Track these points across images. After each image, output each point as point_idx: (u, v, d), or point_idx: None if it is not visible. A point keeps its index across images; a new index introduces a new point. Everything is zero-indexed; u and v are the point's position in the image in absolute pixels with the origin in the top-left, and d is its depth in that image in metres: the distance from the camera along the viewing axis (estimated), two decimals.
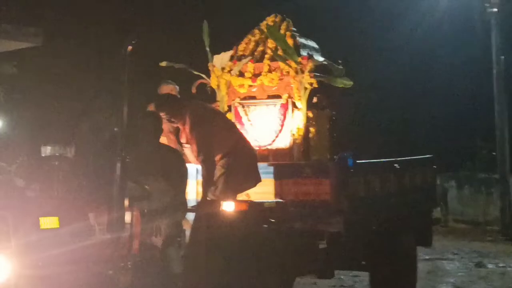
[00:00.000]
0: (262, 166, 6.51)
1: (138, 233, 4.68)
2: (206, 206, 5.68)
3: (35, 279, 3.90)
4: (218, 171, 6.16)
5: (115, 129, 4.24)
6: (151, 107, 6.16)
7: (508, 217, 15.18)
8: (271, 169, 6.63)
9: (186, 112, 6.09)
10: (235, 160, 6.22)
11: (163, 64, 7.27)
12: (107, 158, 4.28)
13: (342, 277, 9.10)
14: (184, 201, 5.48)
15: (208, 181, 6.03)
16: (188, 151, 6.23)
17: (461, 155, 18.34)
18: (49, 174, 4.39)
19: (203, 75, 7.37)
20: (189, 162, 6.16)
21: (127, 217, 4.46)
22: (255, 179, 6.33)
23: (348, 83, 7.16)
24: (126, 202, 4.31)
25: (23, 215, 3.90)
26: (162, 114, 5.87)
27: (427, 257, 11.43)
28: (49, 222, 3.94)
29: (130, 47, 4.28)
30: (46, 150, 4.52)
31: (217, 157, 6.19)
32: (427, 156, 8.73)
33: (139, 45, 4.38)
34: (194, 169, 6.36)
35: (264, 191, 6.53)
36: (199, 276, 5.35)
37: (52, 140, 4.54)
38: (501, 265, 11.10)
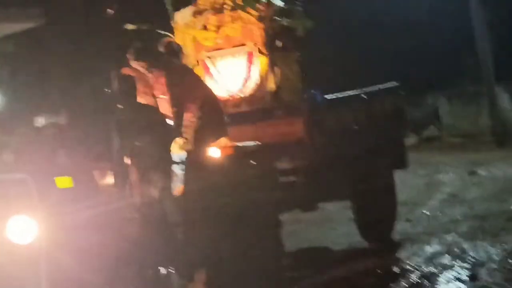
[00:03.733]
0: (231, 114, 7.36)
1: (138, 187, 5.56)
2: (193, 156, 6.49)
3: (59, 236, 4.77)
4: (189, 124, 6.92)
5: (106, 90, 5.06)
6: (124, 71, 6.93)
7: (499, 126, 16.55)
8: (244, 115, 7.53)
9: (160, 66, 6.84)
10: (204, 114, 7.03)
11: (130, 26, 8.01)
12: (103, 119, 5.12)
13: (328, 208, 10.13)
14: (170, 155, 6.33)
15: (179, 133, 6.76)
16: (164, 102, 6.97)
17: (447, 72, 19.51)
18: (48, 141, 5.23)
19: (168, 34, 8.12)
20: (166, 113, 6.91)
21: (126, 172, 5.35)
22: (223, 133, 7.02)
23: (309, 24, 8.01)
24: (125, 159, 5.19)
25: (41, 177, 4.76)
26: (142, 64, 6.59)
27: (423, 173, 13.20)
28: (64, 181, 4.80)
29: (111, 11, 5.06)
30: (41, 120, 5.34)
31: (188, 111, 6.95)
32: (393, 84, 9.69)
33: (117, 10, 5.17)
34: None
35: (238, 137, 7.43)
36: (195, 223, 6.22)
37: (45, 110, 5.36)
38: (492, 171, 12.49)
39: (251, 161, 6.72)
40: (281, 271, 6.94)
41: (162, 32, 8.01)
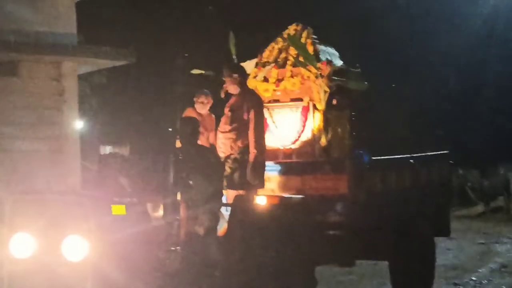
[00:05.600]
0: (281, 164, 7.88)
1: (184, 222, 6.10)
2: (241, 200, 6.99)
3: (106, 257, 5.33)
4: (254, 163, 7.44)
5: (169, 129, 5.66)
6: (188, 113, 7.57)
7: None
8: (293, 166, 8.04)
9: (253, 95, 7.55)
10: (256, 158, 7.56)
11: (195, 71, 8.68)
12: (162, 156, 5.71)
13: (364, 265, 10.57)
14: (220, 196, 6.85)
15: (254, 169, 7.29)
16: (227, 141, 7.53)
17: None
18: (110, 169, 5.84)
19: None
20: (224, 153, 7.47)
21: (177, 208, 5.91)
22: (262, 184, 7.54)
23: (363, 86, 8.55)
24: (178, 195, 5.74)
25: (98, 203, 5.36)
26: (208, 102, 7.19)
27: (482, 242, 14.04)
28: (118, 209, 5.38)
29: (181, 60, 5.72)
30: (107, 149, 5.96)
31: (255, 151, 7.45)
32: (443, 152, 10.09)
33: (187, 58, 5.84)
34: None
35: (284, 186, 7.93)
36: (234, 265, 6.66)
37: (110, 141, 6.00)
38: None
39: (295, 213, 7.17)
40: None
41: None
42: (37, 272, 5.40)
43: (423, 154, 9.46)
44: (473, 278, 10.77)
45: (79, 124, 8.53)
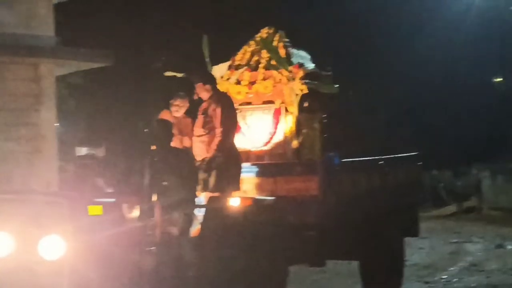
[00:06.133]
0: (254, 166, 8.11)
1: (159, 223, 6.30)
2: (214, 202, 7.20)
3: (83, 256, 5.52)
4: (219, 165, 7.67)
5: (145, 130, 5.86)
6: (163, 115, 7.77)
7: None
8: (266, 168, 8.28)
9: (224, 98, 7.74)
10: (229, 160, 7.78)
11: (168, 74, 8.88)
12: (138, 158, 5.91)
13: (338, 264, 10.91)
14: (194, 198, 7.05)
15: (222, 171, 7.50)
16: (201, 144, 7.75)
17: (494, 146, 20.58)
18: (86, 170, 6.03)
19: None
20: (200, 157, 7.69)
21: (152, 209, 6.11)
22: (237, 186, 7.77)
23: (334, 89, 8.81)
24: (153, 197, 5.95)
25: (75, 203, 5.55)
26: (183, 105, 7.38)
27: (454, 241, 14.62)
28: (95, 209, 5.58)
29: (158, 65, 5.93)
30: (81, 151, 6.16)
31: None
32: (412, 153, 10.40)
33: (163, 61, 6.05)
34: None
35: (257, 188, 8.17)
36: (208, 265, 6.85)
37: (86, 142, 6.19)
38: None
39: (267, 214, 7.38)
40: None
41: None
42: (15, 270, 5.57)
43: (393, 156, 9.75)
44: (444, 277, 11.17)
45: (56, 125, 8.72)
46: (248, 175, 8.22)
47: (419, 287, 10.61)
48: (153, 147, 6.89)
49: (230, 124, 7.81)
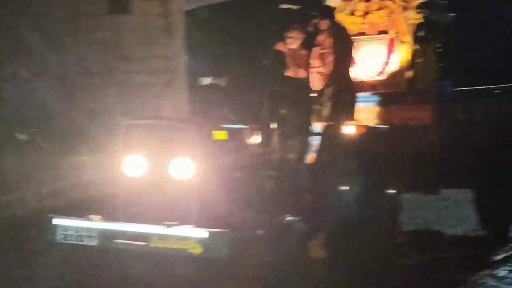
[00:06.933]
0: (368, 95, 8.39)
1: (279, 150, 6.78)
2: (330, 130, 7.56)
3: (210, 178, 6.07)
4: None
5: (264, 62, 6.30)
6: (278, 47, 8.15)
7: None
8: (380, 97, 8.57)
9: (341, 30, 8.05)
10: (344, 91, 8.09)
11: (283, 6, 9.20)
12: (256, 88, 6.38)
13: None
14: (310, 125, 7.45)
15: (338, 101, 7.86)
16: (317, 75, 8.11)
17: None
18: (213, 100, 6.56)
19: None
20: (315, 87, 8.07)
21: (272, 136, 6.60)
22: (352, 116, 7.98)
23: (449, 18, 8.91)
24: (273, 125, 6.42)
25: (202, 128, 6.10)
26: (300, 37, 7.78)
27: None
28: (220, 134, 6.12)
29: None
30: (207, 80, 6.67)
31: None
32: None
33: None
34: None
35: (372, 117, 8.48)
36: (324, 188, 7.27)
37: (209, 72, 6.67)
38: None
39: (381, 142, 7.69)
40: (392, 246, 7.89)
41: (312, 13, 9.13)
42: (147, 189, 6.21)
43: (509, 85, 9.78)
44: None
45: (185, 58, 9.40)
46: (363, 104, 8.49)
47: None
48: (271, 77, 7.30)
49: (345, 55, 8.10)
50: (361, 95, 8.52)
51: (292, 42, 8.48)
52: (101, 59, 9.60)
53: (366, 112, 8.54)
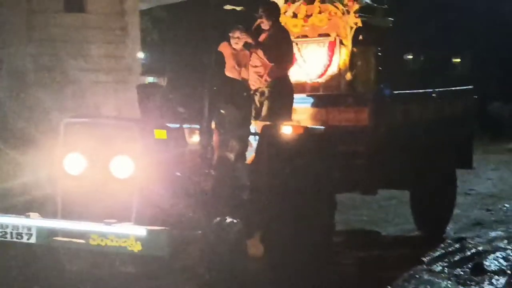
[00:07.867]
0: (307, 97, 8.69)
1: (217, 148, 7.00)
2: (268, 130, 7.78)
3: (150, 176, 6.27)
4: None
5: (205, 62, 6.51)
6: (222, 47, 8.37)
7: None
8: (319, 99, 8.87)
9: (282, 31, 8.31)
10: (282, 91, 8.36)
11: (227, 7, 9.44)
12: (197, 87, 6.60)
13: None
14: (249, 125, 7.68)
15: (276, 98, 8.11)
16: (256, 75, 8.34)
17: None
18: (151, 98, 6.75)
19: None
20: (254, 87, 8.30)
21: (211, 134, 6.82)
22: (289, 116, 8.29)
23: (388, 23, 9.27)
24: (213, 124, 6.64)
25: (143, 127, 6.29)
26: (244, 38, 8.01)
27: None
28: (160, 133, 6.31)
29: None
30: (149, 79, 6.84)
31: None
32: (466, 87, 10.83)
33: None
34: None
35: (310, 118, 8.75)
36: (262, 187, 7.48)
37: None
38: None
39: (319, 143, 7.93)
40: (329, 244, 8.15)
41: (255, 14, 9.39)
42: (88, 187, 6.37)
43: (445, 89, 10.21)
44: (506, 205, 12.00)
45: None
46: (302, 105, 8.79)
47: (480, 214, 11.44)
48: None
49: (285, 56, 8.37)
50: (300, 96, 8.82)
51: (236, 42, 8.75)
52: (56, 57, 9.71)
53: (306, 113, 8.83)
